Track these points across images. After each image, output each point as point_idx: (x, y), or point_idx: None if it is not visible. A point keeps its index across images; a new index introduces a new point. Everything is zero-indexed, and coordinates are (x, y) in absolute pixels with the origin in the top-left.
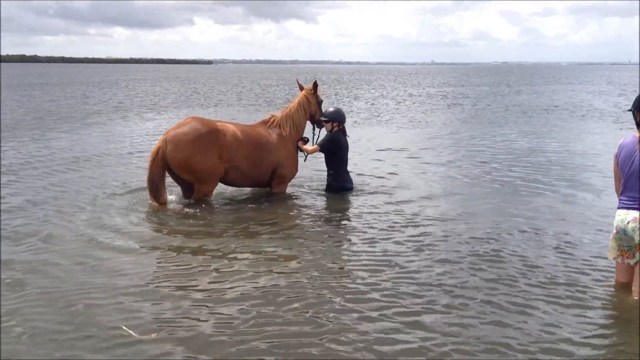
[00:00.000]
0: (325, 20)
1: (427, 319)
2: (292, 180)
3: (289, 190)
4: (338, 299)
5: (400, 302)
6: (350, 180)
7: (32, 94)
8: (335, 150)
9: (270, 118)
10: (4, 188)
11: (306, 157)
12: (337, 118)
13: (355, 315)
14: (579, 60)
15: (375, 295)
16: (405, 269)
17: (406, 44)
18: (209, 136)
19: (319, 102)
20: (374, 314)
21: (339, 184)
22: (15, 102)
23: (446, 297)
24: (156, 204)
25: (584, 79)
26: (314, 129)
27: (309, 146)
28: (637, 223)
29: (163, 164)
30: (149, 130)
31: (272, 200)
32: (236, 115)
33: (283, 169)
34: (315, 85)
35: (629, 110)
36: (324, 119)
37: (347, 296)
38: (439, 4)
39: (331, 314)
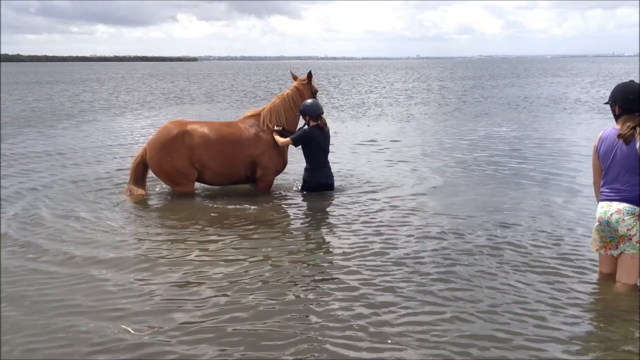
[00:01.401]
0: (310, 15)
1: (407, 292)
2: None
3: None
4: (317, 281)
5: (387, 282)
6: (328, 177)
7: (22, 92)
8: (311, 146)
9: (249, 114)
10: None
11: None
12: (306, 111)
13: (333, 286)
14: (562, 53)
15: (358, 275)
16: (387, 252)
17: (391, 38)
18: (176, 138)
19: (314, 93)
20: (355, 284)
21: (313, 181)
22: (8, 100)
23: (425, 275)
24: (132, 193)
25: (568, 71)
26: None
27: (284, 139)
28: (621, 214)
29: (143, 169)
30: (144, 126)
31: (251, 195)
32: (227, 112)
33: (262, 162)
34: (309, 75)
35: (606, 103)
36: (298, 113)
37: (330, 272)
38: None
39: (310, 293)
